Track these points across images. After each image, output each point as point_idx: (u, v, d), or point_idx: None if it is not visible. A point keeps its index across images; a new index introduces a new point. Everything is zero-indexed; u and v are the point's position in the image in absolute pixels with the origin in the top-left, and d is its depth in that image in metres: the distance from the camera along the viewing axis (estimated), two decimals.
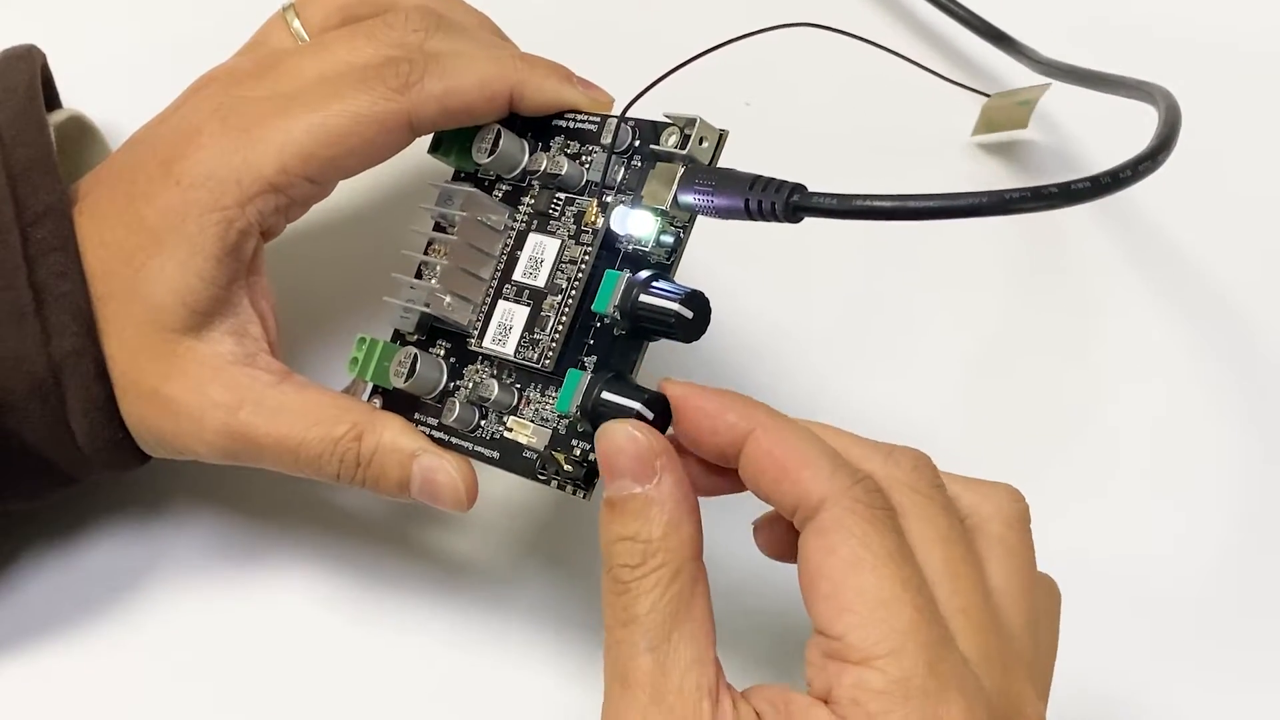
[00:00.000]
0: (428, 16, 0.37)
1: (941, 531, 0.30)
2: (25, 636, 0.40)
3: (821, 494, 0.29)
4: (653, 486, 0.30)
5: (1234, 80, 0.51)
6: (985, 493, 0.33)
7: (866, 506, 0.29)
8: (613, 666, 0.30)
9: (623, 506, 0.30)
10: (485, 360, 0.36)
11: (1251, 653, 0.43)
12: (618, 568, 0.30)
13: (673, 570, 0.30)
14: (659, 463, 0.30)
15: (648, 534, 0.30)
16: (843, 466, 0.30)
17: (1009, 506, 0.32)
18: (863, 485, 0.30)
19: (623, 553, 0.30)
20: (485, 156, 0.36)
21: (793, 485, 0.30)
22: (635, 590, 0.30)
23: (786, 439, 0.30)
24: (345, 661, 0.40)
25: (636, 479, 0.30)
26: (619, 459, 0.30)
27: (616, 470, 0.30)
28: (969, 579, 0.30)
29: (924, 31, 0.52)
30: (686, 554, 0.30)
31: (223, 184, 0.35)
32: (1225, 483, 0.45)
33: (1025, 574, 0.32)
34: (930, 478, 0.31)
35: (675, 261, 0.34)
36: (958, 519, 0.31)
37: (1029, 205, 0.29)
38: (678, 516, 0.30)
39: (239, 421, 0.35)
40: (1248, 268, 0.48)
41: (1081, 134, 0.50)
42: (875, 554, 0.29)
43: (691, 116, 0.33)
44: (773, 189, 0.31)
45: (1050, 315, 0.47)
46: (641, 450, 0.30)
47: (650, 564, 0.30)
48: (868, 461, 0.31)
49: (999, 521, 0.32)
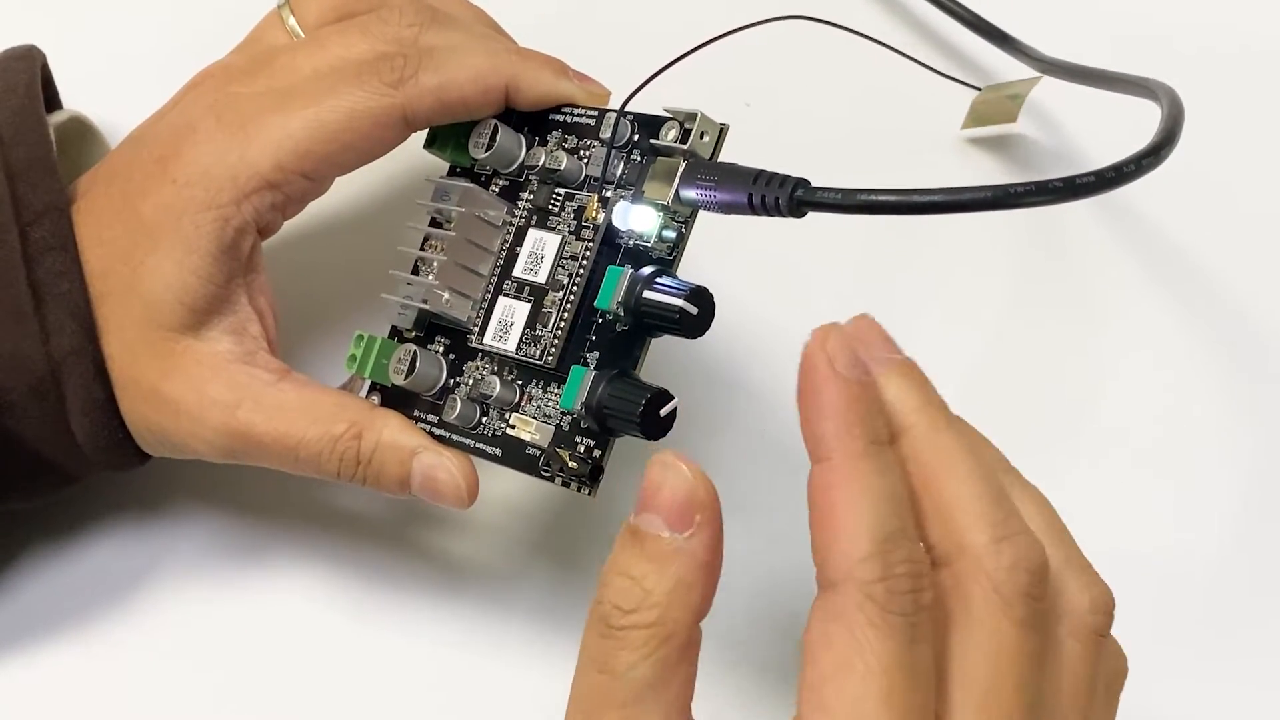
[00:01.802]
0: (422, 11, 0.37)
1: (1002, 645, 0.27)
2: (25, 636, 0.40)
3: (844, 571, 0.26)
4: (682, 538, 0.27)
5: (1233, 78, 0.51)
6: (1070, 590, 0.29)
7: (881, 609, 0.26)
8: (577, 707, 0.28)
9: (643, 544, 0.28)
10: (485, 357, 0.36)
11: (1255, 644, 0.43)
12: (610, 605, 0.28)
13: (666, 633, 0.27)
14: (699, 517, 0.28)
15: (653, 584, 0.27)
16: (883, 555, 0.26)
17: (1085, 616, 0.29)
18: (889, 585, 0.26)
19: (620, 591, 0.28)
20: (482, 151, 0.36)
21: (825, 545, 0.27)
22: (621, 641, 0.27)
23: (848, 493, 0.27)
24: (345, 661, 0.40)
25: (670, 523, 0.28)
26: (663, 494, 0.28)
27: (655, 505, 0.28)
28: (1008, 706, 0.27)
29: (922, 29, 0.52)
30: (686, 619, 0.27)
31: (218, 181, 0.35)
32: (1228, 475, 0.45)
33: (1077, 695, 0.29)
34: (1025, 586, 0.27)
35: (678, 257, 0.33)
36: (1036, 634, 0.28)
37: (1033, 199, 0.29)
38: (692, 579, 0.27)
39: (238, 420, 0.35)
40: (1249, 263, 0.48)
41: (1074, 131, 0.50)
42: (868, 664, 0.26)
43: (692, 110, 0.33)
44: (776, 184, 0.31)
45: (1052, 310, 0.47)
46: (688, 496, 0.28)
47: (643, 616, 0.27)
48: (970, 533, 0.28)
49: (1065, 628, 0.29)
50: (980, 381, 0.46)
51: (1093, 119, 0.49)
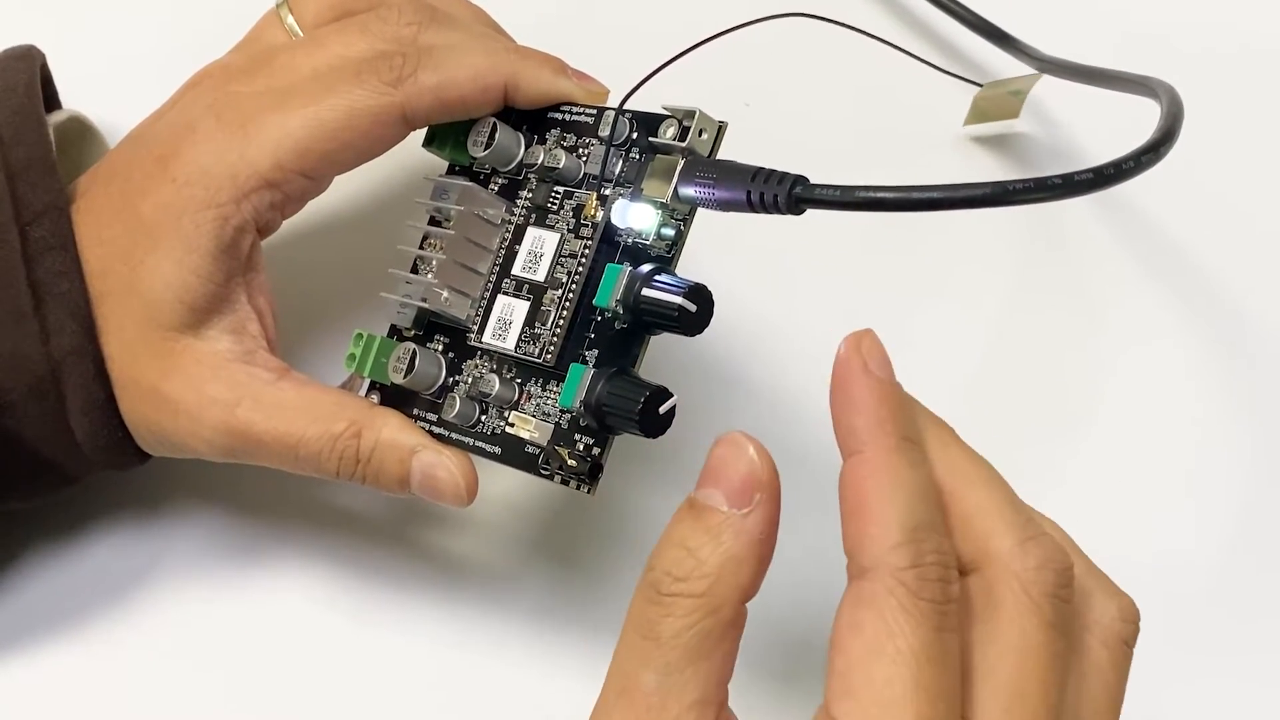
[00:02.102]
0: (421, 10, 0.37)
1: (1029, 645, 0.28)
2: (25, 636, 0.40)
3: (875, 558, 0.27)
4: (739, 515, 0.28)
5: (1232, 76, 0.51)
6: (1097, 598, 0.30)
7: (911, 594, 0.27)
8: (617, 669, 0.29)
9: (701, 516, 0.28)
10: (484, 355, 0.36)
11: (1255, 642, 0.43)
12: (662, 573, 0.28)
13: (713, 605, 0.28)
14: (759, 496, 0.28)
15: (706, 555, 0.28)
16: (914, 543, 0.27)
17: (1113, 624, 0.30)
18: (919, 571, 0.27)
19: (673, 560, 0.28)
20: (481, 150, 0.36)
21: (856, 532, 0.28)
22: (667, 608, 0.28)
23: (879, 483, 0.28)
24: (345, 660, 0.40)
25: (730, 499, 0.28)
26: (727, 469, 0.28)
27: (717, 479, 0.28)
28: (1032, 706, 0.27)
29: (922, 29, 0.52)
30: (733, 596, 0.28)
31: (218, 180, 0.35)
32: (1228, 472, 0.45)
33: (1102, 701, 0.29)
34: (1051, 585, 0.28)
35: (676, 254, 0.33)
36: (1062, 637, 0.28)
37: (1032, 196, 0.29)
38: (744, 555, 0.28)
39: (238, 419, 0.35)
40: (1248, 260, 0.48)
41: (1074, 128, 0.50)
42: (898, 648, 0.26)
43: (690, 108, 0.33)
44: (774, 181, 0.30)
45: (1051, 307, 0.47)
46: (751, 474, 0.28)
47: (693, 585, 0.28)
48: (995, 537, 0.28)
49: (1095, 635, 0.29)
50: (980, 379, 0.46)
51: (1093, 117, 0.49)
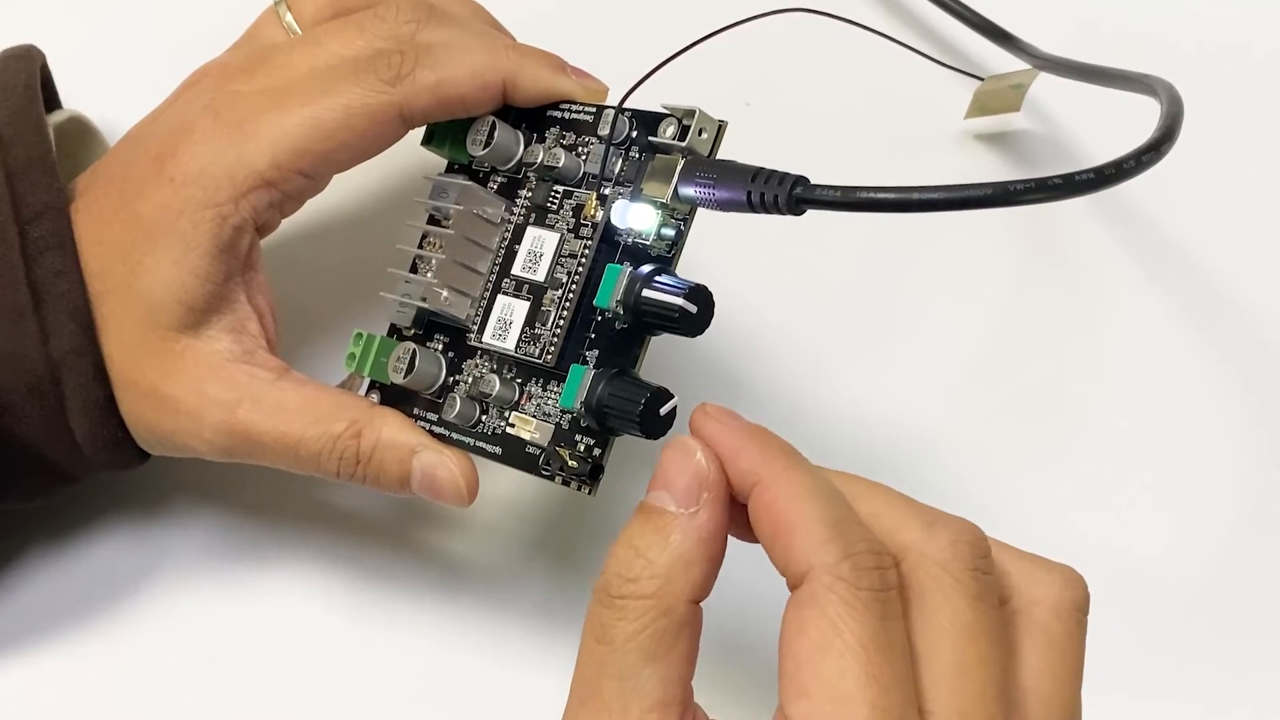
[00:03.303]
0: (419, 7, 0.37)
1: (961, 622, 0.28)
2: (25, 636, 0.40)
3: (808, 563, 0.27)
4: (686, 514, 0.29)
5: (1232, 76, 0.51)
6: (1039, 575, 0.30)
7: (849, 585, 0.27)
8: (579, 678, 0.29)
9: (650, 517, 0.29)
10: (484, 355, 0.36)
11: (1253, 642, 0.43)
12: (613, 575, 0.29)
13: (664, 607, 0.28)
14: (705, 496, 0.29)
15: (655, 555, 0.28)
16: (839, 536, 0.27)
17: (1061, 593, 0.30)
18: (853, 561, 0.27)
19: (624, 560, 0.29)
20: (480, 148, 0.36)
21: (784, 547, 0.28)
22: (620, 611, 0.28)
23: (788, 495, 0.28)
24: (346, 660, 0.40)
25: (677, 499, 0.29)
26: (673, 471, 0.29)
27: (666, 481, 0.29)
28: (977, 680, 0.27)
29: (921, 27, 0.52)
30: (685, 596, 0.28)
31: (216, 180, 0.35)
32: (1227, 478, 0.45)
33: (1062, 673, 0.29)
34: (968, 558, 0.28)
35: (677, 255, 0.33)
36: (990, 609, 0.28)
37: (1033, 196, 0.29)
38: (693, 555, 0.28)
39: (238, 419, 0.35)
40: (1248, 262, 0.48)
41: (1076, 127, 0.50)
42: (845, 641, 0.26)
43: (690, 107, 0.33)
44: (775, 181, 0.30)
45: (1051, 309, 0.47)
46: (698, 475, 0.29)
47: (643, 586, 0.28)
48: (904, 529, 0.29)
49: (1046, 608, 0.29)
50: (979, 378, 0.46)
51: (1094, 113, 0.49)
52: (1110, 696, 0.41)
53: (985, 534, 0.29)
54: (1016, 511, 0.32)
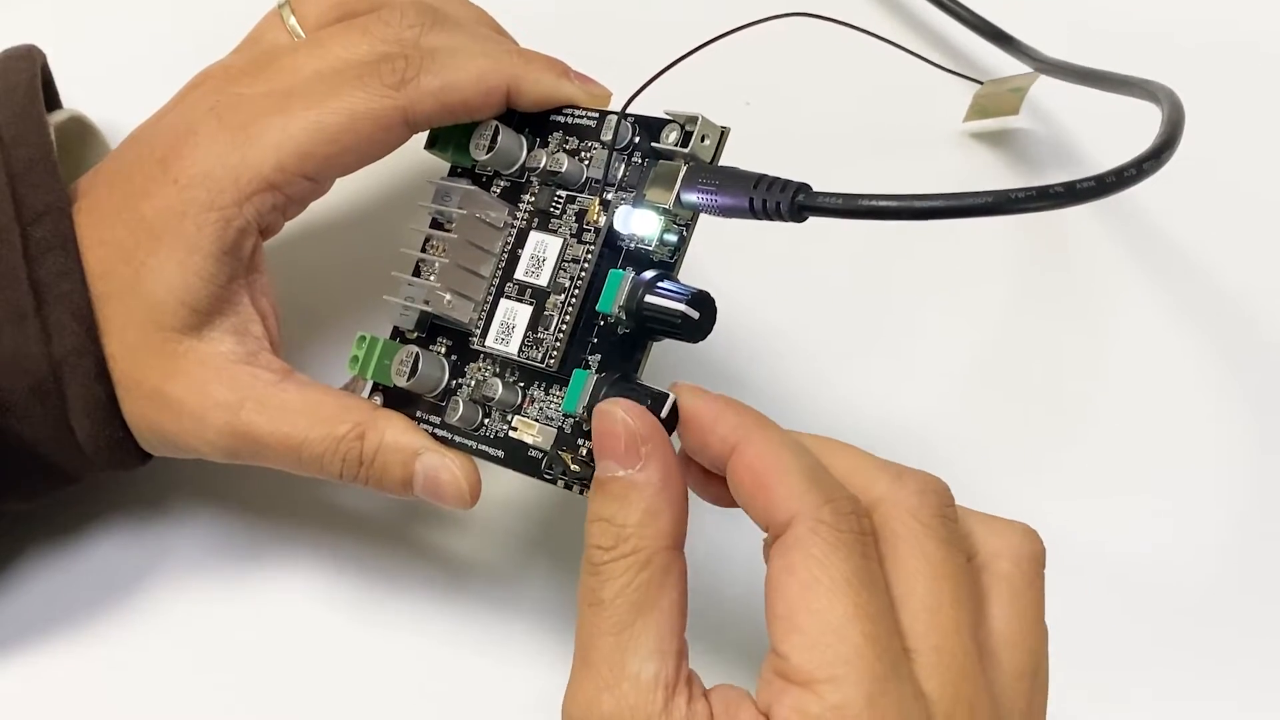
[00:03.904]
0: (424, 12, 0.37)
1: (932, 564, 0.29)
2: (25, 636, 0.40)
3: (790, 512, 0.29)
4: (635, 471, 0.30)
5: (1233, 80, 0.51)
6: (999, 529, 0.32)
7: (831, 528, 0.29)
8: (578, 645, 0.30)
9: (605, 488, 0.30)
10: (487, 359, 0.36)
11: (1254, 643, 0.43)
12: (593, 548, 0.30)
13: (644, 558, 0.29)
14: (645, 449, 0.30)
15: (623, 519, 0.30)
16: (818, 485, 0.29)
17: (1020, 545, 0.31)
18: (833, 506, 0.29)
19: (598, 534, 0.30)
20: (483, 153, 0.36)
21: (765, 501, 0.30)
22: (605, 574, 0.30)
23: (766, 453, 0.30)
24: (346, 661, 0.40)
25: (621, 462, 0.30)
26: (607, 440, 0.30)
27: (604, 451, 0.30)
28: (951, 617, 0.29)
29: (922, 29, 0.52)
30: (661, 544, 0.30)
31: (220, 183, 0.35)
32: (1226, 479, 0.45)
33: (1027, 617, 0.31)
34: (935, 506, 0.30)
35: (679, 260, 0.33)
36: (959, 552, 0.30)
37: (1035, 205, 0.29)
38: (657, 505, 0.30)
39: (241, 421, 0.35)
40: (1247, 261, 0.48)
41: (1075, 128, 0.50)
42: (832, 577, 0.28)
43: (693, 114, 0.33)
44: (777, 188, 0.30)
45: (1051, 313, 0.47)
46: (629, 434, 0.30)
47: (621, 549, 0.30)
48: (874, 484, 0.31)
49: (1007, 559, 0.31)
50: (980, 381, 0.46)
51: (1095, 114, 0.49)
52: (1111, 697, 0.41)
53: (949, 487, 0.31)
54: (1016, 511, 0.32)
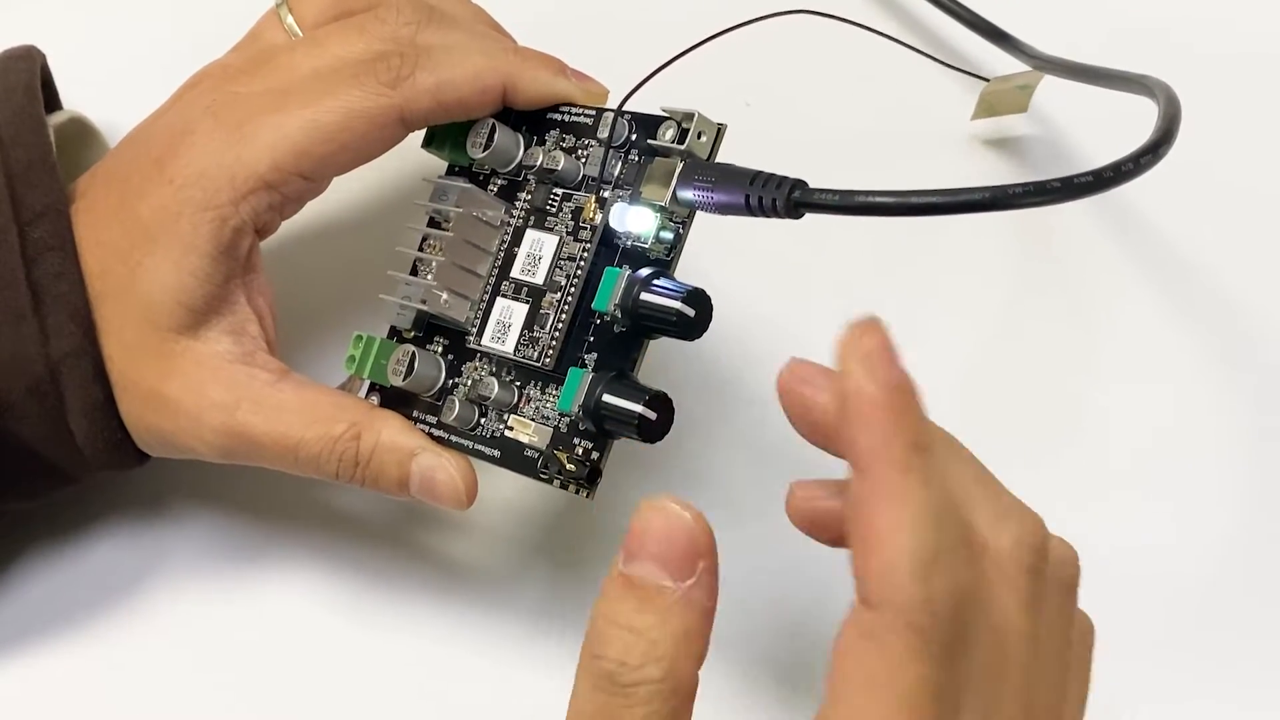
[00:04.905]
0: (420, 10, 0.37)
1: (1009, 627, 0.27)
2: (25, 636, 0.40)
3: (883, 596, 0.25)
4: (685, 588, 0.26)
5: (1231, 73, 0.51)
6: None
7: (918, 635, 0.25)
8: None
9: (644, 594, 0.26)
10: (484, 358, 0.36)
11: (1255, 645, 0.43)
12: (615, 663, 0.26)
13: (674, 685, 0.26)
14: (703, 564, 0.27)
15: (658, 635, 0.26)
16: (928, 579, 0.25)
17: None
18: (929, 608, 0.25)
19: (623, 645, 0.26)
20: (480, 151, 0.36)
21: (863, 564, 0.26)
22: (629, 698, 0.26)
23: (885, 504, 0.25)
24: (345, 662, 0.40)
25: (672, 572, 0.26)
26: (660, 541, 0.27)
27: (654, 552, 0.27)
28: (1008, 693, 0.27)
29: (918, 27, 0.52)
30: (691, 669, 0.27)
31: (215, 182, 0.35)
32: (1225, 478, 0.45)
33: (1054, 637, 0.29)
34: (1027, 561, 0.28)
35: (675, 258, 0.33)
36: (1035, 612, 0.28)
37: (1032, 200, 0.29)
38: (696, 628, 0.27)
39: (237, 421, 0.35)
40: (1245, 263, 0.48)
41: (1075, 127, 0.50)
42: (895, 688, 0.25)
43: (689, 110, 0.33)
44: (773, 185, 0.30)
45: (1049, 311, 0.47)
46: (691, 543, 0.27)
47: (651, 670, 0.26)
48: (976, 514, 0.28)
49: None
50: (978, 381, 0.46)
51: (1095, 116, 0.49)
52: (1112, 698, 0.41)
53: (1044, 528, 0.28)
54: None
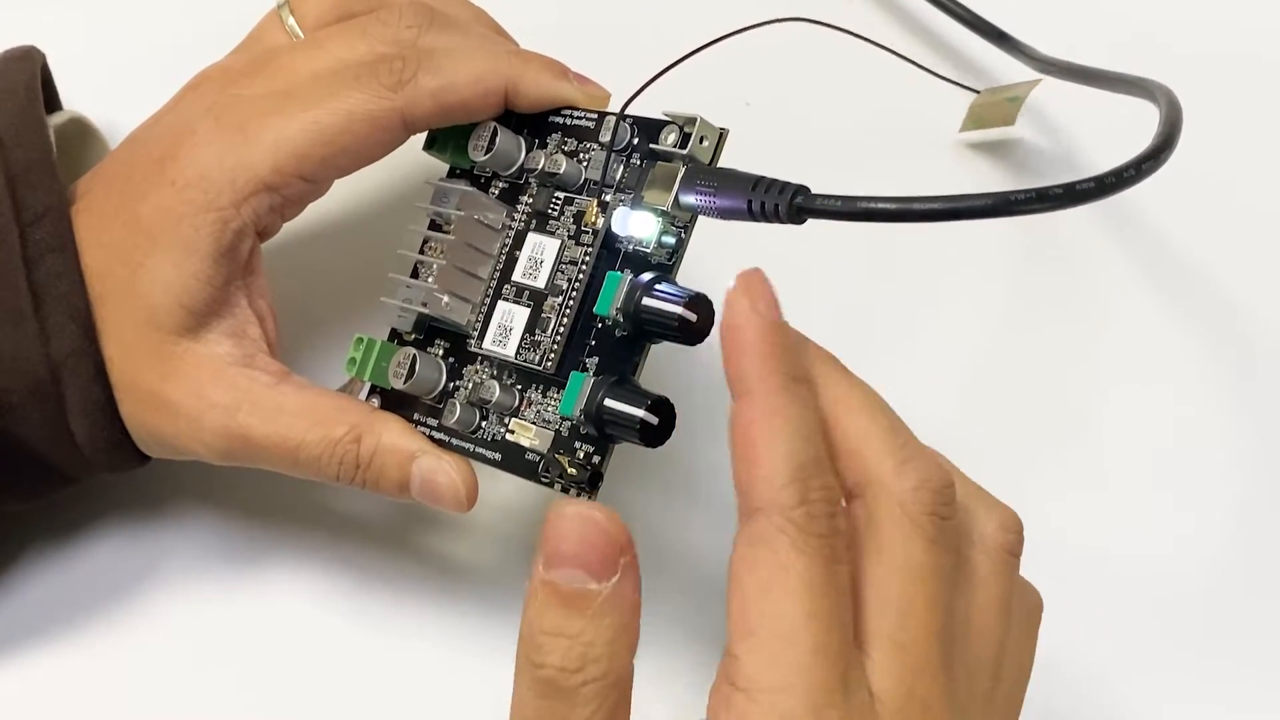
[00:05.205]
0: (422, 12, 0.37)
1: (913, 562, 0.28)
2: (25, 637, 0.40)
3: (763, 500, 0.27)
4: (611, 584, 0.27)
5: (1232, 76, 0.51)
6: (981, 513, 0.31)
7: (800, 530, 0.27)
8: None
9: (571, 600, 0.27)
10: (485, 361, 0.36)
11: (1256, 647, 0.43)
12: (555, 670, 0.27)
13: (613, 680, 0.27)
14: (624, 559, 0.27)
15: (592, 636, 0.27)
16: (801, 481, 0.27)
17: (995, 534, 0.31)
18: (808, 509, 0.27)
19: (559, 651, 0.27)
20: (482, 154, 0.36)
21: (745, 476, 0.28)
22: (571, 700, 0.27)
23: (764, 422, 0.28)
24: (344, 663, 0.40)
25: (595, 573, 0.27)
26: (577, 545, 0.27)
27: (570, 557, 0.27)
28: (922, 620, 0.28)
29: (921, 29, 0.52)
30: (628, 659, 0.27)
31: (217, 184, 0.35)
32: (1229, 479, 0.45)
33: (992, 610, 0.30)
34: (929, 504, 0.29)
35: (677, 262, 0.33)
36: (945, 553, 0.29)
37: (1034, 206, 0.29)
38: (627, 620, 0.27)
39: (237, 423, 0.35)
40: (1247, 266, 0.48)
41: (1072, 132, 0.50)
42: (789, 581, 0.27)
43: (692, 115, 0.33)
44: (776, 190, 0.30)
45: (1050, 314, 0.47)
46: (610, 542, 0.27)
47: (591, 671, 0.27)
48: (878, 463, 0.29)
49: (978, 548, 0.30)
50: (980, 382, 0.46)
51: (1092, 118, 0.49)
52: (1112, 699, 0.41)
53: (951, 476, 0.30)
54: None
